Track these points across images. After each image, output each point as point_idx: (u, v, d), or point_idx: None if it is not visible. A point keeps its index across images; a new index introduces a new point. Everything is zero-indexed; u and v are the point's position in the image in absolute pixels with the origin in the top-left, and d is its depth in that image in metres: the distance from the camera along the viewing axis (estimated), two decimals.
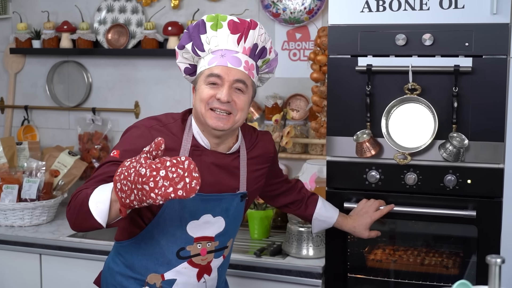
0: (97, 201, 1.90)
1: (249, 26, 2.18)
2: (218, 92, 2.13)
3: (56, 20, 3.86)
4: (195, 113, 2.21)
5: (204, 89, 2.15)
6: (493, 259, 1.29)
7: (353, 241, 2.91)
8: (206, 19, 2.18)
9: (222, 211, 2.25)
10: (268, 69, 2.33)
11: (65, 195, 3.55)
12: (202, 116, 2.16)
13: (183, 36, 2.23)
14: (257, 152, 2.38)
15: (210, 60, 2.16)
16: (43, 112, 3.98)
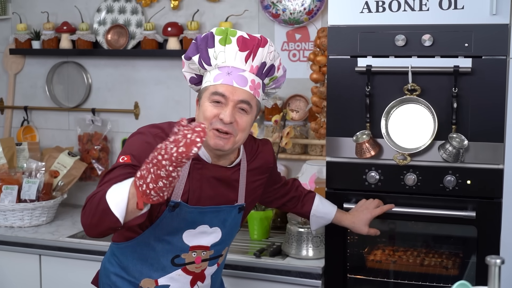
0: (114, 195, 1.86)
1: (259, 43, 2.15)
2: (222, 112, 2.09)
3: (56, 20, 3.86)
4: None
5: (208, 107, 2.11)
6: (492, 260, 1.29)
7: (352, 242, 2.91)
8: (215, 32, 2.13)
9: (219, 223, 2.25)
10: (275, 85, 2.29)
11: (64, 195, 3.55)
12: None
13: (190, 46, 2.18)
14: (257, 163, 2.36)
15: (216, 76, 2.12)
16: (43, 113, 3.98)
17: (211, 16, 3.57)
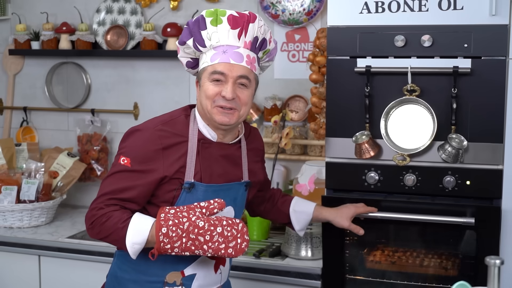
0: (133, 242, 2.06)
1: (249, 19, 2.20)
2: (223, 89, 2.16)
3: (55, 21, 3.85)
4: (200, 108, 2.23)
5: (209, 86, 2.18)
6: (492, 261, 1.30)
7: (351, 243, 2.91)
8: (205, 14, 2.19)
9: (231, 201, 2.29)
10: (268, 58, 2.35)
11: (64, 196, 3.55)
12: (209, 112, 2.19)
13: (183, 31, 2.24)
14: (252, 144, 2.42)
15: (212, 56, 2.18)
16: (42, 114, 3.98)
17: None
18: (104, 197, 2.13)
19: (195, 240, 2.00)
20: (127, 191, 2.13)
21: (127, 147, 2.18)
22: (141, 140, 2.17)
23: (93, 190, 3.86)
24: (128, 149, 2.17)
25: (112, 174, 2.15)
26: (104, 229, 2.10)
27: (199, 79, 2.23)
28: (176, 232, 2.00)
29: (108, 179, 2.16)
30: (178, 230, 2.00)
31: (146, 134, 2.17)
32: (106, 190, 2.14)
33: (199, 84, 2.23)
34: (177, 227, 2.00)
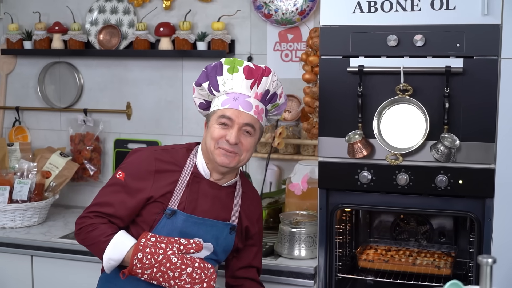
0: (110, 257, 2.21)
1: (263, 73, 2.33)
2: (228, 133, 2.29)
3: (48, 21, 3.84)
4: (204, 147, 2.36)
5: (216, 128, 2.31)
6: (484, 259, 1.30)
7: (345, 242, 2.92)
8: (224, 62, 2.33)
9: (212, 238, 2.36)
10: (276, 112, 2.48)
11: (56, 196, 3.54)
12: (211, 153, 2.32)
13: (201, 74, 2.37)
14: (250, 198, 2.51)
15: (223, 101, 2.31)
16: (35, 113, 3.96)
17: (203, 16, 3.56)
18: (95, 207, 2.32)
19: (165, 273, 2.15)
20: (115, 206, 2.30)
21: (126, 163, 2.37)
22: (139, 159, 2.35)
23: (86, 190, 3.85)
24: (126, 165, 2.35)
25: (108, 186, 2.35)
26: (88, 238, 2.27)
27: (208, 120, 2.36)
28: (149, 260, 2.15)
29: (103, 189, 2.36)
30: (152, 260, 2.15)
31: (144, 154, 2.36)
32: (99, 200, 2.34)
33: (207, 125, 2.35)
34: (152, 256, 2.15)
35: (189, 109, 3.63)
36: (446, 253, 2.90)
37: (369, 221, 3.07)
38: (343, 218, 2.92)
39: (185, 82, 3.63)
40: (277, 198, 3.37)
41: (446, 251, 2.92)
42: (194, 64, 3.60)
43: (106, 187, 2.36)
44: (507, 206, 2.48)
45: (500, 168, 2.48)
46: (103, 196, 2.34)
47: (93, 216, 2.30)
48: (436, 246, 2.97)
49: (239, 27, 3.51)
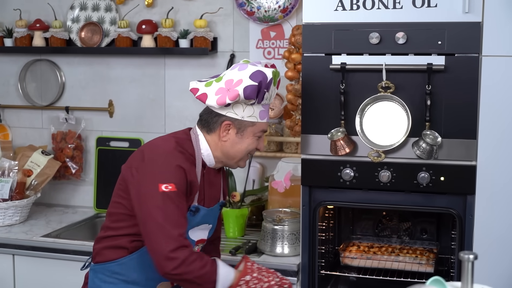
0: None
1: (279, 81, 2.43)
2: (259, 143, 2.40)
3: (29, 18, 3.81)
4: (227, 149, 2.35)
5: (253, 141, 2.37)
6: (466, 256, 1.30)
7: (328, 239, 2.92)
8: (273, 74, 2.32)
9: (214, 219, 2.47)
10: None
11: (38, 195, 3.52)
12: (238, 159, 2.39)
13: (251, 88, 2.27)
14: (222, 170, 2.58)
15: (261, 114, 2.35)
16: (16, 111, 3.93)
17: (185, 14, 3.55)
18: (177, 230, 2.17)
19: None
20: (183, 219, 2.22)
21: (163, 172, 2.20)
22: (175, 166, 2.21)
23: (68, 189, 3.83)
24: (165, 174, 2.20)
25: (164, 202, 2.17)
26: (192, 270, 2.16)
27: (241, 127, 2.33)
28: (255, 285, 2.27)
29: (162, 207, 2.16)
30: (258, 286, 2.27)
31: (176, 160, 2.23)
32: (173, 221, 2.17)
33: (238, 130, 2.33)
34: (258, 282, 2.28)
35: (171, 106, 3.62)
36: (428, 249, 2.92)
37: (351, 218, 3.08)
38: (326, 215, 2.93)
39: (167, 80, 3.62)
40: (260, 195, 3.37)
41: (428, 248, 2.94)
42: (176, 62, 3.59)
43: (165, 205, 2.17)
44: (488, 203, 2.50)
45: (481, 165, 2.50)
46: (173, 215, 2.19)
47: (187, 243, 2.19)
48: (418, 243, 2.99)
49: (221, 24, 3.50)
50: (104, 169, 3.73)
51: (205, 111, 2.40)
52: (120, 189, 2.32)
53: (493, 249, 2.51)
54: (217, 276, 2.20)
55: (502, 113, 2.47)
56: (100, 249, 2.37)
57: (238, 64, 2.38)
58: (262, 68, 2.31)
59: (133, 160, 2.31)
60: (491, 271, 2.49)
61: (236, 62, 3.42)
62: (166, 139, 2.34)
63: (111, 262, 2.35)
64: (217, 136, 2.35)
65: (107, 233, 2.36)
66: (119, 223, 2.33)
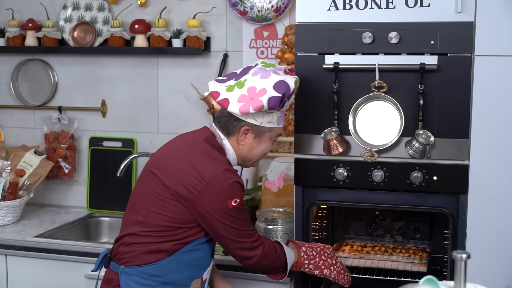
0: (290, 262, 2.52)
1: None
2: (273, 146, 2.52)
3: (21, 18, 3.80)
4: (246, 152, 2.46)
5: (270, 144, 2.48)
6: (458, 255, 1.31)
7: (321, 238, 2.92)
8: (294, 83, 2.41)
9: None
10: None
11: (31, 195, 3.51)
12: (255, 160, 2.52)
13: (274, 100, 2.34)
14: None
15: (278, 119, 2.45)
16: (8, 111, 3.92)
17: (178, 13, 3.55)
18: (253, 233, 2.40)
19: (325, 261, 2.57)
20: (249, 219, 2.44)
21: (224, 193, 2.32)
22: (236, 185, 2.34)
23: (61, 189, 3.82)
24: (229, 191, 2.32)
25: (237, 218, 2.35)
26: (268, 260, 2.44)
27: (259, 132, 2.42)
28: (311, 252, 2.56)
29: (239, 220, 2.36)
30: (313, 251, 2.56)
31: (231, 179, 2.33)
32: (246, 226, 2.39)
33: (256, 135, 2.43)
34: (312, 249, 2.57)
35: (164, 106, 3.62)
36: (421, 248, 2.92)
37: (345, 217, 3.08)
38: (319, 215, 2.93)
39: (160, 80, 3.62)
40: (253, 195, 3.37)
41: (421, 247, 2.94)
42: (169, 61, 3.59)
43: (238, 217, 2.35)
44: (481, 202, 2.51)
45: (474, 164, 2.50)
46: (245, 223, 2.38)
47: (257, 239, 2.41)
48: (411, 242, 2.99)
49: (214, 24, 3.50)
50: (97, 169, 3.72)
51: (223, 114, 2.44)
52: (168, 202, 2.33)
53: (486, 248, 2.52)
54: (286, 256, 2.48)
55: (494, 112, 2.47)
56: (136, 254, 2.36)
57: (258, 68, 2.43)
58: (284, 76, 2.39)
59: (184, 178, 2.33)
60: (484, 270, 2.49)
61: (230, 62, 3.45)
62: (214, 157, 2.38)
63: (149, 265, 2.35)
64: (235, 140, 2.44)
65: (144, 240, 2.36)
66: (164, 232, 2.35)
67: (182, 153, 2.41)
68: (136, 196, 2.46)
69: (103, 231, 3.64)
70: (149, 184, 2.39)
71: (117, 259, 2.42)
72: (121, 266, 2.39)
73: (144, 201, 2.38)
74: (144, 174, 2.46)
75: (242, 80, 2.41)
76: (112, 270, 2.43)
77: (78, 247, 3.07)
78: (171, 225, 2.34)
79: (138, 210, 2.40)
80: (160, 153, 2.50)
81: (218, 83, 2.46)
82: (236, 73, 2.50)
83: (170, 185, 2.33)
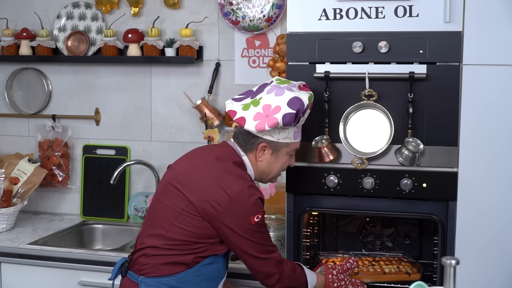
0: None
1: None
2: (291, 160, 2.53)
3: (15, 27, 3.80)
4: (264, 168, 2.48)
5: (287, 159, 2.50)
6: (448, 261, 1.31)
7: (312, 245, 2.92)
8: (308, 99, 2.42)
9: None
10: None
11: (25, 202, 3.49)
12: (273, 176, 2.54)
13: (289, 116, 2.37)
14: None
15: (295, 134, 2.46)
16: (2, 120, 3.91)
17: (171, 23, 3.55)
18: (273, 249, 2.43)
19: (352, 284, 2.58)
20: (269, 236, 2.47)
21: (247, 210, 2.34)
22: (258, 201, 2.37)
23: (55, 196, 3.81)
24: (252, 208, 2.34)
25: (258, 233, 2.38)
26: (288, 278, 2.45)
27: (276, 148, 2.44)
28: (340, 274, 2.57)
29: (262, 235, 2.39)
30: (341, 275, 2.57)
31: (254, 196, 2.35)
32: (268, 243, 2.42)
33: (274, 151, 2.45)
34: (342, 272, 2.59)
35: (157, 114, 3.61)
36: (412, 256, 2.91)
37: (336, 224, 3.08)
38: (311, 222, 2.93)
39: (153, 88, 3.61)
40: None
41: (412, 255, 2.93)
42: (162, 70, 3.59)
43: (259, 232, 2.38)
44: (469, 209, 2.52)
45: (463, 172, 2.51)
46: (266, 238, 2.42)
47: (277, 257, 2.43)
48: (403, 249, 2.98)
49: (207, 33, 3.51)
50: (90, 177, 3.72)
51: (240, 132, 2.47)
52: (192, 218, 2.35)
53: (474, 254, 2.52)
54: (306, 277, 2.48)
55: (482, 120, 2.48)
56: (157, 265, 2.37)
57: (273, 86, 2.45)
58: (298, 93, 2.40)
59: (209, 194, 2.34)
60: (473, 276, 2.50)
61: (222, 71, 3.45)
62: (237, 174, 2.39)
63: (169, 276, 2.36)
64: (253, 156, 2.46)
65: (166, 252, 2.37)
66: (186, 246, 2.36)
67: (206, 169, 2.42)
68: (157, 209, 2.45)
69: (96, 238, 3.63)
70: (172, 199, 2.40)
71: (136, 269, 2.42)
72: (141, 276, 2.39)
73: (167, 215, 2.39)
74: (166, 188, 2.45)
75: (258, 98, 2.43)
76: (131, 280, 2.42)
77: (72, 254, 3.06)
78: (193, 240, 2.35)
79: (160, 224, 2.40)
80: (182, 168, 2.48)
81: (234, 102, 2.48)
82: (252, 91, 2.52)
83: (194, 201, 2.34)
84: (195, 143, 3.49)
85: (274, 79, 2.53)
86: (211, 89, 3.47)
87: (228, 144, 2.51)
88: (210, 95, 3.46)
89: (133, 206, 3.61)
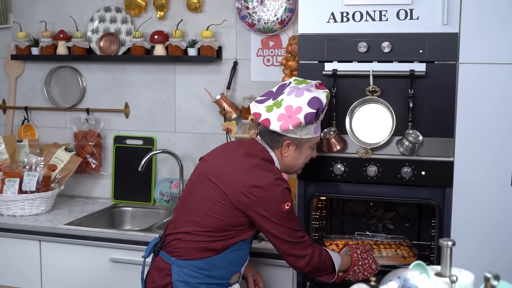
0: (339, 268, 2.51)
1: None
2: (313, 152, 2.52)
3: (53, 29, 3.81)
4: (289, 162, 2.47)
5: (310, 153, 2.49)
6: (445, 242, 1.31)
7: (320, 226, 2.92)
8: (326, 97, 2.40)
9: None
10: None
11: (62, 187, 3.51)
12: (299, 168, 2.52)
13: (310, 116, 2.35)
14: None
15: (315, 129, 2.45)
16: (42, 113, 3.93)
17: (193, 25, 3.55)
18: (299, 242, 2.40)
19: (374, 262, 2.58)
20: (299, 222, 2.46)
21: (284, 196, 2.35)
22: (286, 191, 2.36)
23: (89, 182, 3.83)
24: (282, 196, 2.34)
25: (292, 217, 2.38)
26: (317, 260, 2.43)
27: (299, 145, 2.44)
28: (364, 254, 2.58)
29: (292, 221, 2.38)
30: (365, 254, 2.57)
31: (282, 186, 2.34)
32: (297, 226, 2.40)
33: (297, 147, 2.44)
34: (365, 252, 2.59)
35: (181, 108, 3.62)
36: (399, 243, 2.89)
37: (342, 208, 3.07)
38: (319, 206, 2.92)
39: (177, 85, 3.62)
40: None
41: (410, 237, 2.92)
42: (185, 68, 3.59)
43: (289, 219, 2.37)
44: (464, 194, 2.50)
45: (458, 161, 2.50)
46: (296, 224, 2.40)
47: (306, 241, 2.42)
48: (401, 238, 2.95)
49: (225, 35, 3.50)
50: (120, 164, 3.73)
51: (266, 131, 2.46)
52: (225, 208, 2.35)
53: (469, 236, 2.51)
54: (332, 258, 2.46)
55: (476, 114, 2.46)
56: (189, 249, 2.38)
57: (292, 87, 2.41)
58: (316, 92, 2.38)
59: (242, 186, 2.34)
60: (468, 256, 2.48)
61: (239, 69, 3.45)
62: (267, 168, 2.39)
63: (199, 260, 2.37)
64: (279, 152, 2.46)
65: (197, 238, 2.37)
66: (217, 233, 2.37)
67: (238, 163, 2.40)
68: (191, 197, 2.45)
69: (126, 220, 3.65)
70: (206, 190, 2.39)
71: (169, 251, 2.42)
72: (173, 258, 2.40)
73: (201, 204, 2.39)
74: (199, 179, 2.45)
75: (279, 100, 2.40)
76: (163, 260, 2.43)
77: (104, 233, 3.07)
78: (223, 228, 2.36)
79: (194, 212, 2.40)
80: (215, 162, 2.47)
81: (258, 104, 2.46)
82: (272, 92, 2.49)
83: (229, 193, 2.34)
84: (214, 134, 3.49)
85: (292, 79, 2.49)
86: (229, 85, 3.46)
87: (257, 141, 2.50)
88: (228, 90, 3.46)
89: (159, 190, 3.62)
